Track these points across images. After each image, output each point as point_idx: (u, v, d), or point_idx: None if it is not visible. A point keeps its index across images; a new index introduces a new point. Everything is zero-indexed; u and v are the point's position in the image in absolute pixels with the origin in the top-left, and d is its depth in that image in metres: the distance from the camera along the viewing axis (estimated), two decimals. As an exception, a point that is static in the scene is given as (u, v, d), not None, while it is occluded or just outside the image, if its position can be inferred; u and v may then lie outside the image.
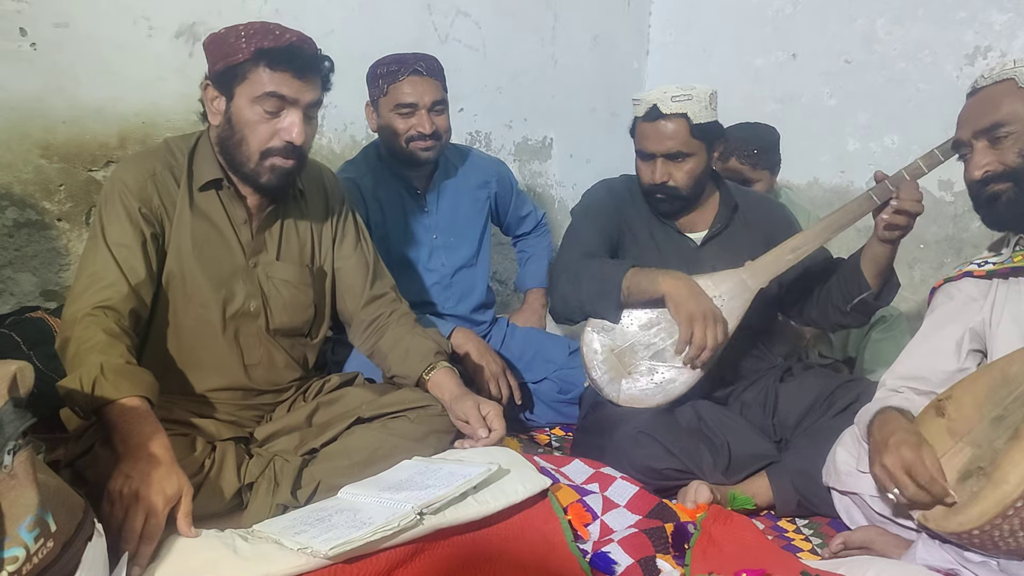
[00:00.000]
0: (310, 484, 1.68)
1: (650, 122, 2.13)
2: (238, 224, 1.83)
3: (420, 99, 2.32)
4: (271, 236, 1.88)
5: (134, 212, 1.70)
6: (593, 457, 2.06)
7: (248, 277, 1.84)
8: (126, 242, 1.68)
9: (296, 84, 1.69)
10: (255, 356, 1.88)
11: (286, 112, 1.71)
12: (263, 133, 1.71)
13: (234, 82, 1.70)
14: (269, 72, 1.67)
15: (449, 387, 1.92)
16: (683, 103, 2.09)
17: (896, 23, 3.38)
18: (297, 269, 1.91)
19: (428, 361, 1.96)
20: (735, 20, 3.88)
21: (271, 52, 1.66)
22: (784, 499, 1.98)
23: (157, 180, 1.75)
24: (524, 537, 1.57)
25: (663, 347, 2.12)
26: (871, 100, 3.47)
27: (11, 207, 2.30)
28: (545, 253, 2.91)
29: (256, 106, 1.69)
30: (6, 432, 1.03)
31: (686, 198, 2.20)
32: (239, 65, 1.68)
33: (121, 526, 1.30)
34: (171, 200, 1.76)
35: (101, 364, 1.46)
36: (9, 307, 2.32)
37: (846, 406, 2.03)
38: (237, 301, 1.82)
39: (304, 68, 1.70)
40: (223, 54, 1.69)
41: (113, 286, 1.63)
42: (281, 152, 1.73)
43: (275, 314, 1.88)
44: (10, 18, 2.21)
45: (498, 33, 3.44)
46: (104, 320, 1.57)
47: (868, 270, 2.07)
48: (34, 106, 2.30)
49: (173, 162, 1.79)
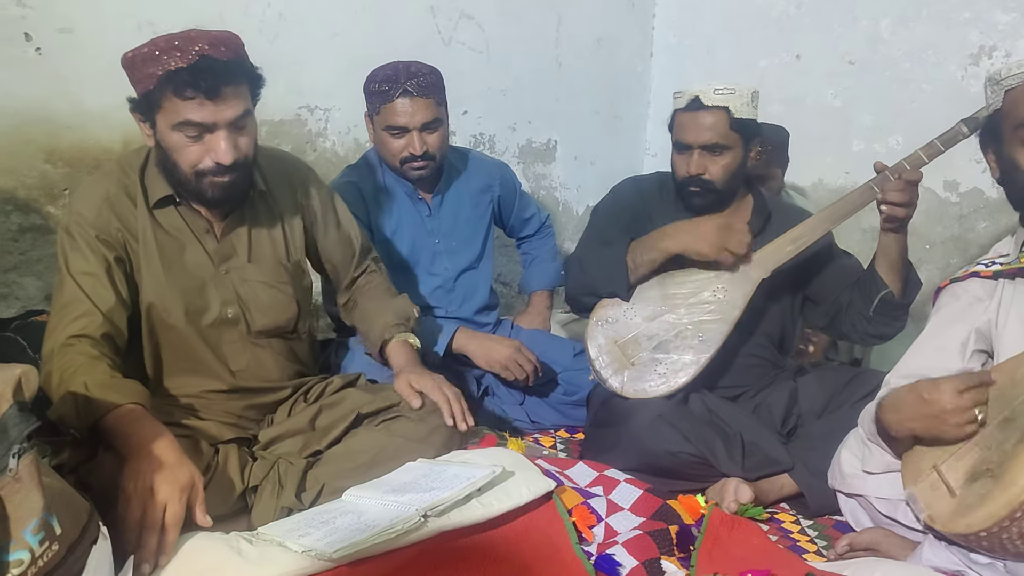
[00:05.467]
0: (314, 487, 1.68)
1: (690, 112, 2.13)
2: (200, 233, 1.81)
3: (411, 120, 2.29)
4: (239, 239, 1.85)
5: (92, 240, 1.67)
6: (606, 449, 2.09)
7: (221, 284, 1.82)
8: (90, 270, 1.66)
9: (210, 107, 1.60)
10: (241, 361, 1.87)
11: (209, 136, 1.64)
12: (192, 155, 1.66)
13: (151, 111, 1.64)
14: (179, 101, 1.59)
15: (397, 362, 1.97)
16: (725, 96, 2.09)
17: (900, 24, 3.37)
18: (272, 268, 1.89)
19: (384, 335, 2.01)
20: (739, 22, 3.87)
21: (177, 77, 1.57)
22: (818, 500, 1.99)
23: (112, 203, 1.71)
24: (528, 539, 1.56)
25: (666, 338, 2.13)
26: (875, 101, 3.46)
27: (16, 212, 2.31)
28: (549, 255, 2.91)
29: (177, 133, 1.63)
30: (11, 435, 1.03)
31: (720, 192, 2.18)
32: (150, 93, 1.61)
33: (141, 523, 1.31)
34: (129, 221, 1.73)
35: (85, 383, 1.48)
36: (14, 311, 2.33)
37: (865, 394, 2.00)
38: (213, 310, 1.81)
39: (214, 88, 1.59)
40: (136, 80, 1.62)
41: (84, 316, 1.62)
42: (214, 172, 1.68)
43: (255, 317, 1.87)
44: (14, 23, 2.22)
45: (502, 36, 3.44)
46: (80, 347, 1.57)
47: (882, 266, 2.07)
48: (38, 111, 2.30)
49: (127, 181, 1.75)
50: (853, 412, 1.92)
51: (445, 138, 2.42)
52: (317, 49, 2.82)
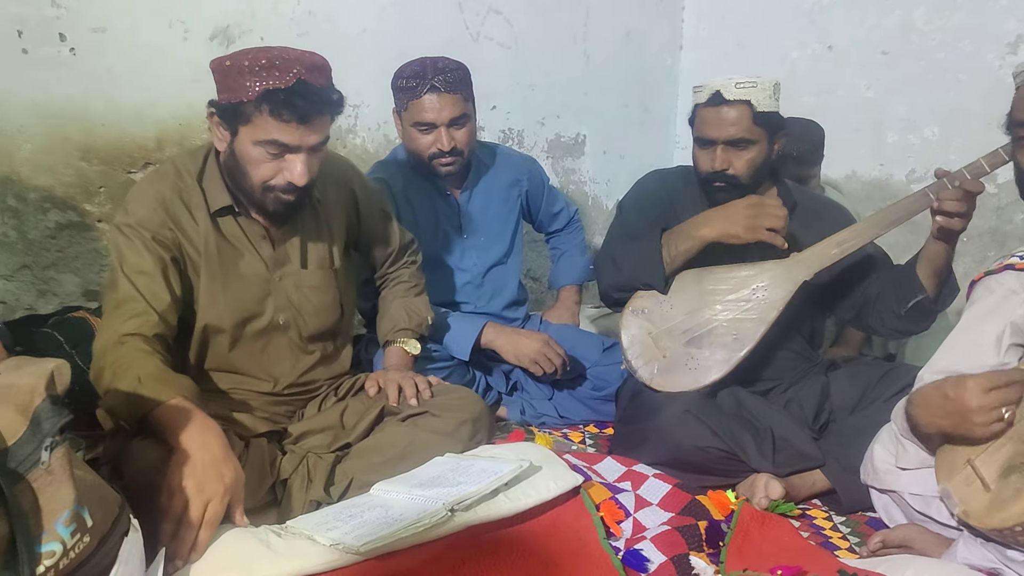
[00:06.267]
0: (343, 480, 1.70)
1: (712, 107, 2.10)
2: (257, 241, 1.83)
3: (438, 116, 2.29)
4: (292, 245, 1.88)
5: (148, 240, 1.69)
6: (635, 443, 2.07)
7: (275, 291, 1.85)
8: (146, 269, 1.68)
9: (300, 131, 1.64)
10: (285, 366, 1.90)
11: (289, 155, 1.67)
12: (266, 171, 1.69)
13: (237, 121, 1.65)
14: (272, 120, 1.61)
15: (388, 363, 2.08)
16: (747, 90, 2.06)
17: (935, 12, 3.32)
18: (322, 273, 1.92)
19: (388, 335, 2.13)
20: (770, 13, 3.83)
21: (275, 96, 1.59)
22: (851, 496, 1.97)
23: (167, 206, 1.73)
24: (556, 534, 1.56)
25: (700, 333, 2.11)
26: (910, 91, 3.40)
27: (53, 209, 2.35)
28: (578, 250, 2.90)
29: (259, 148, 1.66)
30: (43, 429, 1.05)
31: (745, 187, 2.15)
32: (242, 105, 1.62)
33: (180, 518, 1.33)
34: (183, 224, 1.75)
35: (138, 376, 1.50)
36: (52, 307, 2.38)
37: (899, 390, 1.96)
38: (266, 317, 1.84)
39: (308, 114, 1.62)
40: (227, 89, 1.64)
41: (139, 315, 1.64)
42: (283, 189, 1.71)
43: (307, 322, 1.90)
44: (50, 24, 2.26)
45: (530, 30, 3.43)
46: (133, 343, 1.60)
47: (924, 272, 2.02)
48: (74, 110, 2.34)
49: (182, 185, 1.76)
50: (886, 407, 1.89)
51: (473, 133, 2.42)
52: (346, 46, 2.83)
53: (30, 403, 1.06)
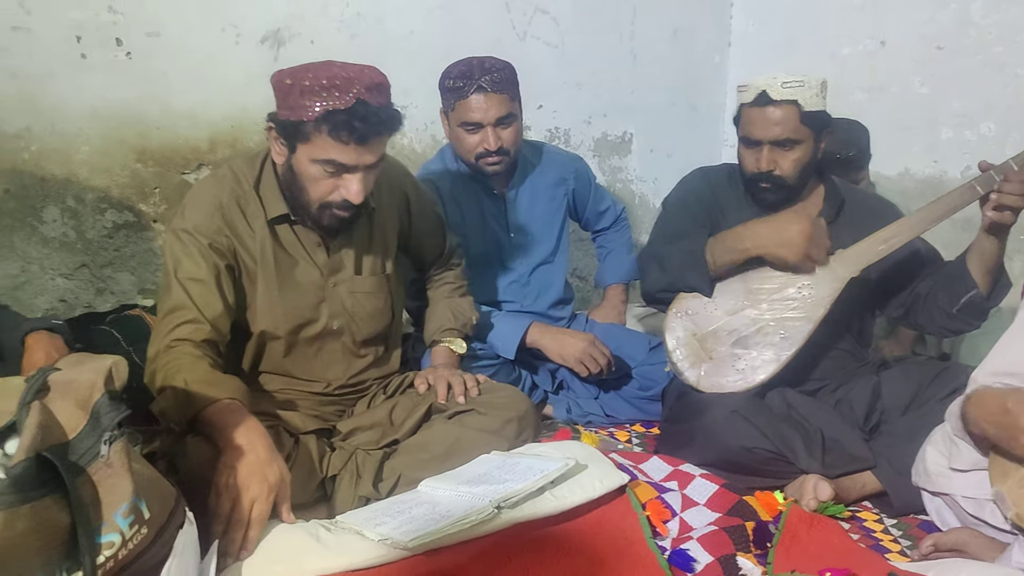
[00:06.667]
0: (391, 477, 1.72)
1: (758, 107, 2.07)
2: (312, 248, 1.85)
3: (485, 116, 2.30)
4: (347, 253, 1.90)
5: (204, 248, 1.71)
6: (681, 443, 2.06)
7: (330, 297, 1.88)
8: (200, 277, 1.69)
9: (358, 151, 1.64)
10: (338, 370, 1.94)
11: (347, 175, 1.68)
12: (323, 188, 1.70)
13: (296, 138, 1.65)
14: (331, 140, 1.61)
15: (434, 362, 2.11)
16: (794, 89, 2.02)
17: (992, 6, 3.23)
18: (375, 279, 1.95)
19: (434, 336, 2.15)
20: (820, 8, 3.77)
21: (334, 118, 1.59)
22: (903, 498, 1.94)
23: (224, 212, 1.75)
24: (602, 532, 1.56)
25: (747, 334, 2.09)
26: (965, 87, 3.32)
27: (110, 210, 2.42)
28: (625, 248, 2.88)
29: (317, 165, 1.66)
30: (102, 423, 1.08)
31: (791, 188, 2.13)
32: (302, 124, 1.62)
33: (228, 517, 1.36)
34: (240, 231, 1.77)
35: (186, 379, 1.54)
36: (110, 305, 2.44)
37: (953, 390, 1.92)
38: (320, 323, 1.87)
39: (366, 135, 1.62)
40: (287, 107, 1.63)
41: (191, 323, 1.66)
42: (340, 206, 1.72)
43: (361, 327, 1.93)
44: (106, 29, 2.32)
45: (577, 29, 3.43)
46: (184, 347, 1.63)
47: (975, 267, 1.99)
48: (130, 113, 2.40)
49: (240, 191, 1.78)
50: (939, 408, 1.85)
51: (519, 133, 2.42)
52: (394, 47, 2.86)
53: (90, 398, 1.09)
